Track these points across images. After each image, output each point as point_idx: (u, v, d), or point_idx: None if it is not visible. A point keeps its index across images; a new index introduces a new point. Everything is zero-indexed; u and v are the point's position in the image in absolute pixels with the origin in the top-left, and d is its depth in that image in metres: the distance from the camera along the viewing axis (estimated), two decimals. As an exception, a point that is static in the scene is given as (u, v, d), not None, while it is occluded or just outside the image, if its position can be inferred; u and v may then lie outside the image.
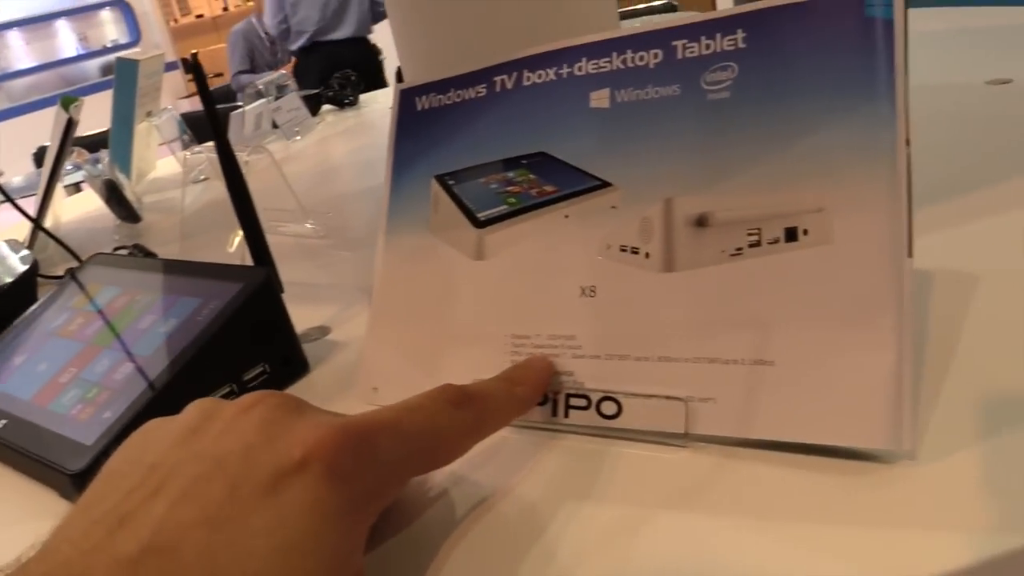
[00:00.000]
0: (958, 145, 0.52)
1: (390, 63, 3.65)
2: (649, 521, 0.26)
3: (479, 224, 0.35)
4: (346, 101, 1.24)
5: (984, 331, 0.32)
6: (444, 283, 0.35)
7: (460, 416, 0.27)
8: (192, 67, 0.41)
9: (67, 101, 0.82)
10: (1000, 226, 0.40)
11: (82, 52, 6.14)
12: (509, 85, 0.35)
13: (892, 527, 0.24)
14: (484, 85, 0.36)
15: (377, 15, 3.40)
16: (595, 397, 0.31)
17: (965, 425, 0.27)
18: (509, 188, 0.34)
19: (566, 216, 0.33)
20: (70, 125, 0.75)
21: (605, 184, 0.32)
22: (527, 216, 0.33)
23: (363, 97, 1.31)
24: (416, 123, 0.38)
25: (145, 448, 0.25)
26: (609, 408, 0.30)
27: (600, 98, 0.32)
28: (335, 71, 1.28)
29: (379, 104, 1.28)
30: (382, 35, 3.43)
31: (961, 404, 0.28)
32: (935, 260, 0.35)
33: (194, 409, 0.26)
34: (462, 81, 0.37)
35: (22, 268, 0.60)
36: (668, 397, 0.29)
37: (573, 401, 0.31)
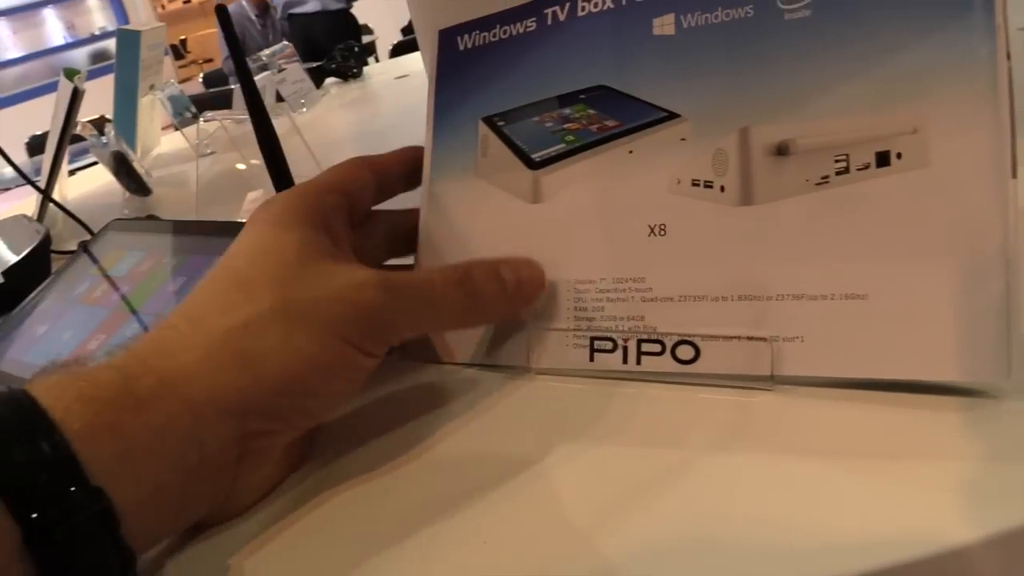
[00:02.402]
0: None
1: (382, 42, 3.61)
2: (737, 468, 0.24)
3: (534, 165, 0.33)
4: (351, 73, 1.22)
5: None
6: (497, 230, 0.33)
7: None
8: (218, 10, 0.39)
9: (70, 72, 0.80)
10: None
11: (70, 40, 6.06)
12: (562, 16, 0.33)
13: (1009, 462, 0.22)
14: (534, 19, 0.34)
15: None
16: (670, 342, 0.29)
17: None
18: (566, 125, 0.32)
19: (630, 152, 0.31)
20: (75, 95, 0.72)
21: (673, 115, 0.30)
22: (587, 154, 0.31)
23: (366, 69, 1.29)
24: (458, 64, 0.36)
25: None
26: (686, 353, 0.29)
27: (664, 24, 0.30)
28: (308, 44, 1.26)
29: (384, 76, 1.25)
30: (370, 11, 3.40)
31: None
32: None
33: None
34: (509, 16, 0.35)
35: (35, 240, 0.58)
36: (751, 338, 0.27)
37: (645, 347, 0.29)
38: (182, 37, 6.03)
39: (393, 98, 1.01)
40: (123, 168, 0.77)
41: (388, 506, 0.27)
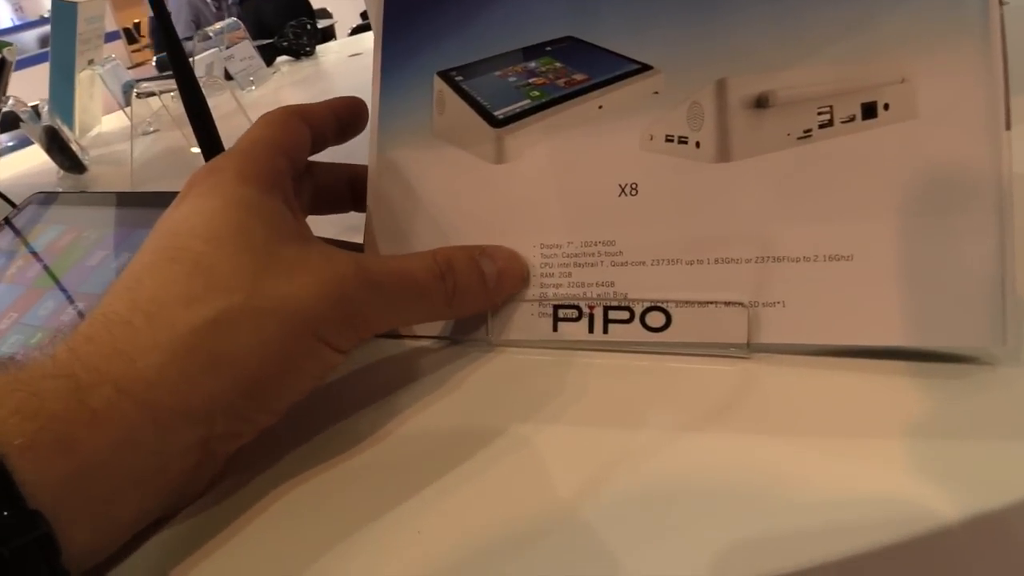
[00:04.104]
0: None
1: (341, 26, 3.55)
2: (709, 446, 0.22)
3: (497, 123, 0.30)
4: (303, 51, 1.17)
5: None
6: (456, 193, 0.31)
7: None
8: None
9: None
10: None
11: (18, 23, 5.85)
12: (525, -37, 0.31)
13: (1001, 437, 0.20)
14: (494, -34, 0.31)
15: None
16: (639, 309, 0.27)
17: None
18: (532, 80, 0.30)
19: (600, 107, 0.28)
20: (3, 66, 0.68)
21: (645, 67, 0.28)
22: (554, 110, 0.29)
23: (320, 48, 1.25)
24: (409, 14, 0.34)
25: None
26: (656, 320, 0.27)
27: (635, -30, 0.28)
28: (261, 27, 1.22)
29: (338, 54, 1.21)
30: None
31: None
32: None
33: None
34: (467, -37, 0.32)
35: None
36: (728, 303, 0.26)
37: (613, 315, 0.27)
38: (136, 20, 5.84)
39: (346, 77, 0.98)
40: (55, 144, 0.73)
41: (341, 487, 0.24)
